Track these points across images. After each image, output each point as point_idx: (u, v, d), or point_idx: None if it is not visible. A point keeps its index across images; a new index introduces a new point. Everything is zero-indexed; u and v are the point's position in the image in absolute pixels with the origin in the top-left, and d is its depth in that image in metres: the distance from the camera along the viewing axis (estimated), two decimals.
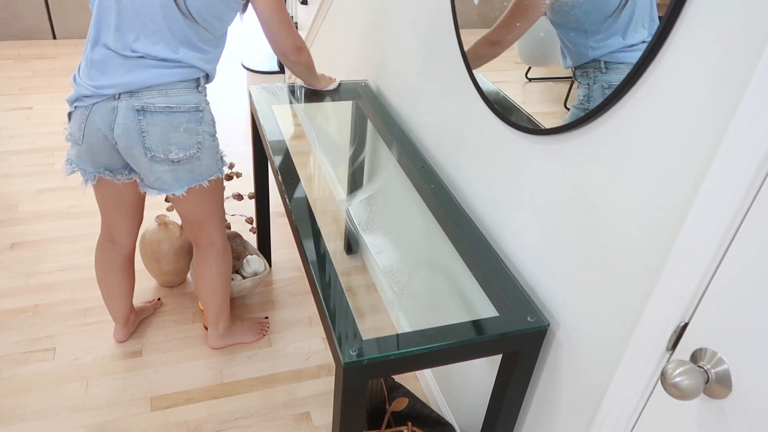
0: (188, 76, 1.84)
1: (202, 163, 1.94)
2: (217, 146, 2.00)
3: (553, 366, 1.56)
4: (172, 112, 1.82)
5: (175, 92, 1.82)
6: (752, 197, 0.91)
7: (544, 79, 1.49)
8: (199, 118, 1.88)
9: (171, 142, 1.84)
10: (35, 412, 2.23)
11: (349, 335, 1.38)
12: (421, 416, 2.03)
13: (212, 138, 1.95)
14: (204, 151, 1.92)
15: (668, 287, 1.09)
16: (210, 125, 1.94)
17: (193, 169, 1.93)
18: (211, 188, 2.03)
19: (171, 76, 1.80)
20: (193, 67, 1.84)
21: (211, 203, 2.10)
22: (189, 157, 1.89)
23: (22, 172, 3.64)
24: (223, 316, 2.45)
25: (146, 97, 1.79)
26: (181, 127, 1.84)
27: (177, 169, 1.90)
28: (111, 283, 2.33)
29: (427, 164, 2.05)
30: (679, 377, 1.00)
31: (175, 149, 1.86)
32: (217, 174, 2.02)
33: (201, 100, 1.89)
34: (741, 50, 0.93)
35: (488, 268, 1.63)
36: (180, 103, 1.83)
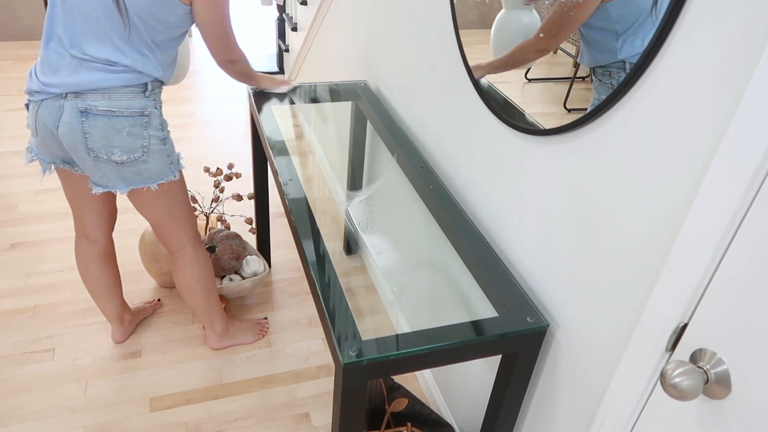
0: (133, 81, 1.81)
1: (150, 166, 1.91)
2: (169, 150, 1.96)
3: (552, 366, 1.56)
4: (115, 115, 1.80)
5: (118, 96, 1.79)
6: (752, 197, 0.91)
7: (543, 80, 1.49)
8: (144, 123, 1.85)
9: (113, 144, 1.82)
10: (34, 412, 2.23)
11: (349, 336, 1.38)
12: (421, 417, 2.03)
13: (161, 142, 1.92)
14: (151, 155, 1.89)
15: (668, 287, 1.09)
16: (158, 129, 1.90)
17: (140, 172, 1.90)
18: (165, 192, 2.00)
19: (115, 81, 1.78)
20: (139, 72, 1.81)
21: (169, 207, 2.08)
22: (134, 160, 1.87)
23: (22, 172, 3.64)
24: (216, 318, 2.46)
25: (90, 99, 1.77)
26: (124, 130, 1.82)
27: (122, 169, 1.88)
28: (92, 281, 2.33)
29: (426, 165, 2.05)
30: (678, 378, 1.00)
31: (117, 151, 1.83)
32: (168, 178, 1.97)
33: (147, 105, 1.85)
34: (741, 50, 0.93)
35: (487, 268, 1.63)
36: (123, 108, 1.80)
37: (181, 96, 4.67)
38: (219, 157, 3.94)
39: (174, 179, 2.00)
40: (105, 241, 2.28)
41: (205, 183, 3.49)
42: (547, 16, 1.37)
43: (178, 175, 2.02)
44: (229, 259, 2.63)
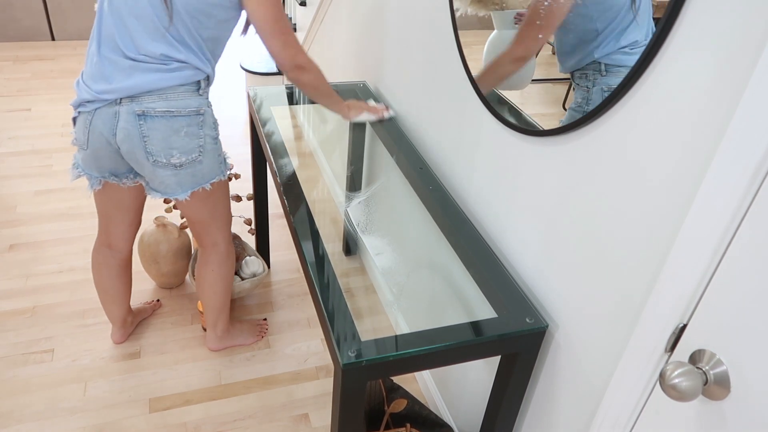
0: (188, 80, 1.81)
1: (204, 166, 1.91)
2: (220, 149, 1.98)
3: (551, 367, 1.56)
4: (173, 116, 1.80)
5: (174, 96, 1.79)
6: (750, 199, 0.91)
7: (542, 81, 1.49)
8: (200, 122, 1.85)
9: (172, 146, 1.83)
10: (34, 413, 2.22)
11: (348, 336, 1.38)
12: (420, 417, 2.03)
13: (214, 141, 1.93)
14: (206, 154, 1.90)
15: (667, 288, 1.09)
16: (212, 128, 1.91)
17: (195, 173, 1.91)
18: (214, 191, 2.01)
19: (170, 80, 1.78)
20: (193, 68, 1.81)
21: (215, 205, 2.09)
22: (191, 161, 1.87)
23: (21, 173, 3.64)
24: (222, 318, 2.45)
25: (146, 101, 1.77)
26: (182, 131, 1.82)
27: (179, 173, 1.88)
28: (108, 287, 2.33)
29: (425, 165, 2.05)
30: (677, 378, 1.00)
31: (177, 153, 1.84)
32: (219, 176, 1.99)
33: (202, 103, 1.86)
34: (739, 52, 0.93)
35: (487, 269, 1.63)
36: (180, 107, 1.80)
37: None
38: None
39: (223, 178, 2.03)
40: (127, 251, 2.29)
41: None
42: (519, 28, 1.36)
43: (227, 174, 2.05)
44: None
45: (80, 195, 3.47)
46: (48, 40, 5.53)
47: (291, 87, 2.62)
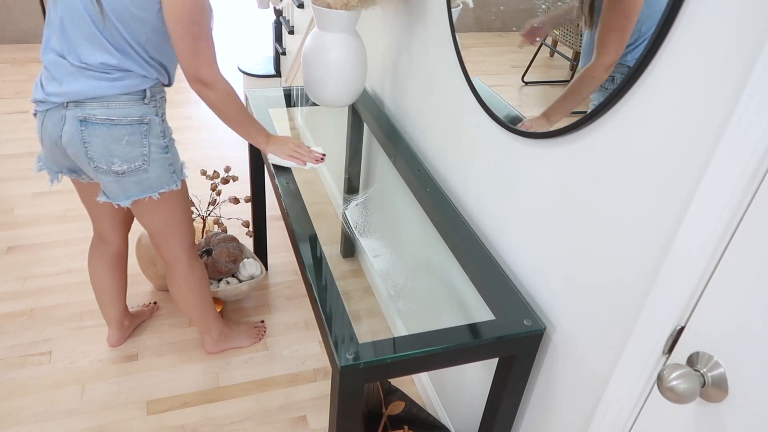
0: (131, 89, 1.75)
1: (151, 175, 1.85)
2: (172, 158, 1.90)
3: (549, 369, 1.56)
4: (114, 124, 1.75)
5: (117, 105, 1.74)
6: (748, 201, 0.91)
7: (540, 83, 1.49)
8: (143, 131, 1.79)
9: (113, 154, 1.78)
10: (31, 416, 2.22)
11: (346, 339, 1.38)
12: (418, 420, 2.03)
13: (163, 150, 1.86)
14: (152, 163, 1.84)
15: (665, 291, 1.09)
16: (159, 137, 1.84)
17: (141, 181, 1.86)
18: (166, 201, 1.95)
19: (112, 89, 1.73)
20: (137, 77, 1.75)
21: (169, 216, 2.03)
22: (134, 169, 1.82)
23: (19, 175, 3.63)
24: (212, 325, 2.44)
25: (89, 108, 1.73)
26: (123, 139, 1.77)
27: (122, 180, 1.83)
28: (102, 282, 2.32)
29: (423, 167, 2.05)
30: (675, 381, 1.00)
31: (118, 161, 1.79)
32: (170, 186, 1.92)
33: (147, 113, 1.79)
34: (738, 54, 0.93)
35: (484, 271, 1.63)
36: (122, 116, 1.75)
37: (179, 99, 4.67)
38: (216, 160, 3.94)
39: (176, 188, 1.94)
40: (119, 244, 2.28)
41: (202, 186, 3.49)
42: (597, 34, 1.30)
43: (181, 184, 1.97)
44: (226, 262, 2.62)
45: (78, 197, 3.46)
46: None
47: (289, 89, 2.62)
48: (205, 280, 2.28)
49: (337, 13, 2.06)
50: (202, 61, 1.72)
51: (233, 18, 6.77)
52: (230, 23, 6.60)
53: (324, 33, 2.14)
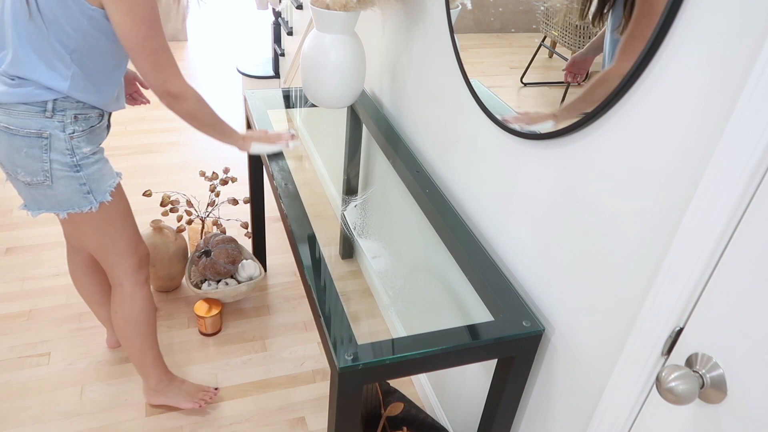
0: (29, 98, 1.62)
1: (57, 192, 1.73)
2: (86, 178, 1.75)
3: (548, 371, 1.56)
4: (12, 133, 1.64)
5: (15, 113, 1.63)
6: (747, 202, 0.92)
7: (539, 84, 1.49)
8: (42, 145, 1.66)
9: (16, 163, 1.69)
10: (30, 417, 2.22)
11: (344, 340, 1.38)
12: (417, 421, 2.03)
13: (71, 168, 1.71)
14: (56, 180, 1.71)
15: (663, 292, 1.10)
16: (64, 154, 1.69)
17: (47, 196, 1.74)
18: (87, 221, 1.83)
19: (10, 96, 1.61)
20: (38, 87, 1.62)
21: (99, 237, 1.89)
22: (39, 183, 1.71)
23: None
24: (150, 370, 2.23)
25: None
26: (22, 150, 1.66)
27: (31, 190, 1.74)
28: (84, 286, 2.27)
29: (422, 169, 2.05)
30: (674, 382, 1.00)
31: (21, 172, 1.70)
32: (81, 208, 1.78)
33: (46, 127, 1.65)
34: (736, 55, 0.93)
35: (483, 272, 1.63)
36: (19, 126, 1.63)
37: None
38: (215, 161, 3.94)
39: (90, 210, 1.79)
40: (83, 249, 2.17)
41: (201, 187, 3.49)
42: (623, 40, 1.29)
43: (97, 206, 1.80)
44: (224, 263, 2.62)
45: None
46: None
47: (288, 91, 2.62)
48: (148, 314, 2.10)
49: (335, 14, 2.06)
50: (168, 74, 1.65)
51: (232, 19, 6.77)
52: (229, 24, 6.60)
53: (323, 34, 2.13)
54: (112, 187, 1.83)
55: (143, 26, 1.54)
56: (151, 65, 1.60)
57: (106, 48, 1.65)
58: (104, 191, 1.81)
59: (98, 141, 1.79)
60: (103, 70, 1.70)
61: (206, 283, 2.68)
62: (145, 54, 1.58)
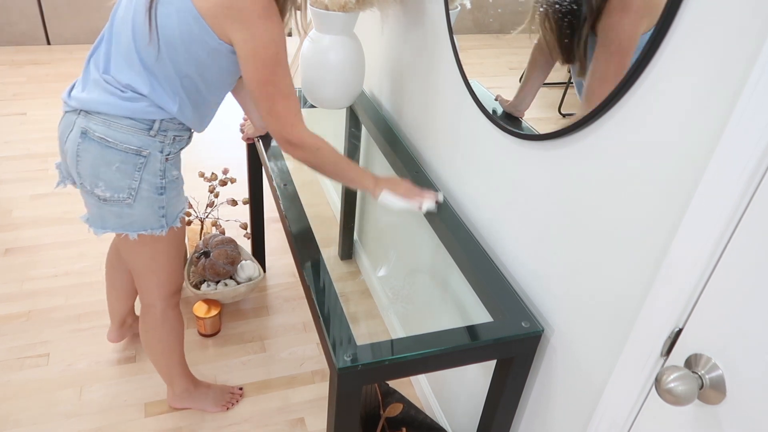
0: (138, 114, 1.62)
1: (134, 212, 1.71)
2: (165, 202, 1.74)
3: (547, 371, 1.56)
4: (107, 146, 1.62)
5: (118, 126, 1.62)
6: (745, 204, 0.92)
7: None
8: (139, 163, 1.65)
9: (100, 176, 1.65)
10: (29, 418, 2.22)
11: (344, 341, 1.38)
12: (416, 422, 2.03)
13: (157, 190, 1.71)
14: (139, 200, 1.69)
15: (663, 293, 1.10)
16: (156, 175, 1.69)
17: (121, 215, 1.71)
18: (148, 244, 1.81)
19: (119, 109, 1.61)
20: (151, 104, 1.62)
21: (150, 260, 1.88)
22: (118, 201, 1.68)
23: (16, 177, 3.63)
24: (176, 379, 2.24)
25: (93, 121, 1.63)
26: (114, 165, 1.64)
27: (103, 207, 1.71)
28: (114, 277, 2.28)
29: (421, 169, 2.05)
30: (673, 383, 1.00)
31: (102, 185, 1.66)
32: (153, 231, 1.76)
33: (148, 145, 1.65)
34: (735, 57, 0.93)
35: (482, 273, 1.63)
36: (119, 140, 1.62)
37: None
38: (214, 161, 3.94)
39: (160, 234, 1.79)
40: None
41: (200, 188, 3.49)
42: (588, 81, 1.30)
43: (167, 232, 1.80)
44: (223, 264, 2.62)
45: (76, 199, 3.46)
46: (44, 44, 5.52)
47: None
48: (177, 333, 2.11)
49: (334, 15, 2.06)
50: (284, 122, 1.62)
51: None
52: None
53: (322, 35, 2.13)
54: (183, 213, 1.84)
55: (265, 71, 1.54)
56: (268, 110, 1.60)
57: (217, 80, 1.67)
58: (176, 216, 1.81)
59: (180, 164, 1.80)
60: (208, 99, 1.71)
61: (205, 284, 2.68)
62: (262, 97, 1.58)
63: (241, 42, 1.53)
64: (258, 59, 1.53)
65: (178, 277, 2.00)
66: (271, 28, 1.52)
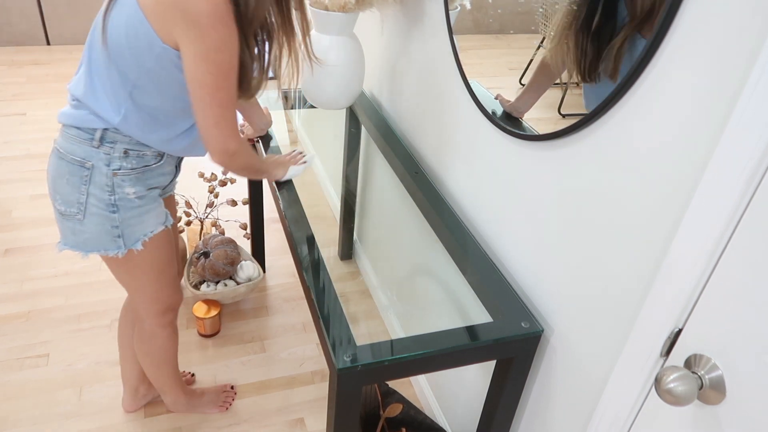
0: (81, 123, 1.52)
1: (85, 229, 1.60)
2: (120, 221, 1.61)
3: (547, 372, 1.56)
4: (60, 157, 1.56)
5: (67, 137, 1.55)
6: (745, 204, 0.92)
7: None
8: (84, 176, 1.55)
9: (57, 189, 1.59)
10: (28, 418, 2.22)
11: (343, 341, 1.38)
12: (415, 422, 2.03)
13: (107, 207, 1.58)
14: (88, 216, 1.58)
15: (662, 293, 1.10)
16: (103, 190, 1.56)
17: (75, 231, 1.62)
18: (117, 263, 1.71)
19: (67, 117, 1.55)
20: (90, 112, 1.52)
21: (130, 279, 1.79)
22: (70, 215, 1.60)
23: (16, 178, 3.63)
24: (167, 391, 2.20)
25: (59, 132, 1.58)
26: (65, 177, 1.56)
27: (62, 221, 1.64)
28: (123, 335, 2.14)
29: (421, 170, 2.05)
30: (673, 383, 1.00)
31: (59, 198, 1.59)
32: (108, 251, 1.64)
33: (90, 156, 1.54)
34: (734, 58, 0.93)
35: (482, 273, 1.63)
36: (67, 151, 1.55)
37: None
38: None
39: (117, 255, 1.66)
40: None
41: (200, 188, 3.48)
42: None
43: (125, 252, 1.66)
44: (223, 264, 2.62)
45: None
46: (43, 44, 5.52)
47: (285, 92, 2.61)
48: (166, 351, 2.03)
49: (334, 15, 2.06)
50: (228, 131, 1.47)
51: None
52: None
53: (321, 35, 2.13)
54: (147, 237, 1.68)
55: (219, 76, 1.39)
56: (215, 120, 1.44)
57: (171, 90, 1.51)
58: (137, 239, 1.67)
59: (151, 184, 1.65)
60: (165, 111, 1.56)
61: (205, 284, 2.68)
62: (212, 105, 1.42)
63: (188, 43, 1.36)
64: (210, 63, 1.36)
65: (168, 296, 1.88)
66: (221, 30, 1.35)
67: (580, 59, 1.28)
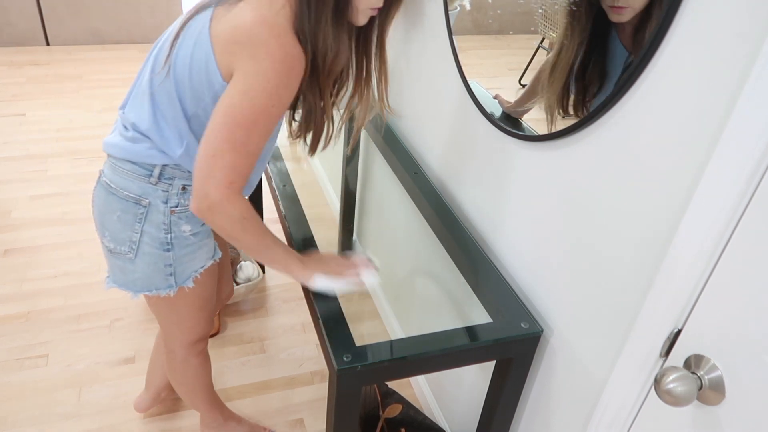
0: (138, 158, 1.44)
1: (137, 268, 1.53)
2: (173, 259, 1.54)
3: (546, 372, 1.56)
4: (111, 192, 1.48)
5: (120, 171, 1.46)
6: (745, 204, 0.92)
7: None
8: (139, 213, 1.47)
9: (105, 225, 1.52)
10: (28, 418, 2.22)
11: (343, 341, 1.38)
12: (415, 422, 2.03)
13: (161, 246, 1.51)
14: (140, 255, 1.51)
15: (662, 293, 1.10)
16: (159, 230, 1.49)
17: (124, 270, 1.55)
18: (161, 301, 1.65)
19: (121, 150, 1.45)
20: (153, 147, 1.43)
21: (167, 313, 1.71)
22: (121, 254, 1.52)
23: (16, 178, 3.63)
24: (203, 413, 2.14)
25: (107, 164, 1.51)
26: (115, 213, 1.48)
27: (111, 258, 1.57)
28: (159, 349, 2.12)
29: (420, 170, 2.05)
30: (672, 384, 1.00)
31: (108, 235, 1.52)
32: (158, 291, 1.58)
33: (147, 193, 1.46)
34: (734, 58, 0.93)
35: (482, 274, 1.63)
36: (120, 186, 1.46)
37: None
38: None
39: (167, 295, 1.60)
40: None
41: None
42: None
43: (176, 291, 1.60)
44: None
45: (75, 200, 3.46)
46: (43, 45, 5.52)
47: None
48: (200, 377, 1.96)
49: None
50: (220, 174, 1.28)
51: None
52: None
53: None
54: (198, 273, 1.62)
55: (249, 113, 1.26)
56: (213, 152, 1.27)
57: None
58: (188, 276, 1.60)
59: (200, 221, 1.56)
60: None
61: None
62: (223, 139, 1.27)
63: (240, 76, 1.26)
64: (246, 96, 1.25)
65: (204, 326, 1.81)
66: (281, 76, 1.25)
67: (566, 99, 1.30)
